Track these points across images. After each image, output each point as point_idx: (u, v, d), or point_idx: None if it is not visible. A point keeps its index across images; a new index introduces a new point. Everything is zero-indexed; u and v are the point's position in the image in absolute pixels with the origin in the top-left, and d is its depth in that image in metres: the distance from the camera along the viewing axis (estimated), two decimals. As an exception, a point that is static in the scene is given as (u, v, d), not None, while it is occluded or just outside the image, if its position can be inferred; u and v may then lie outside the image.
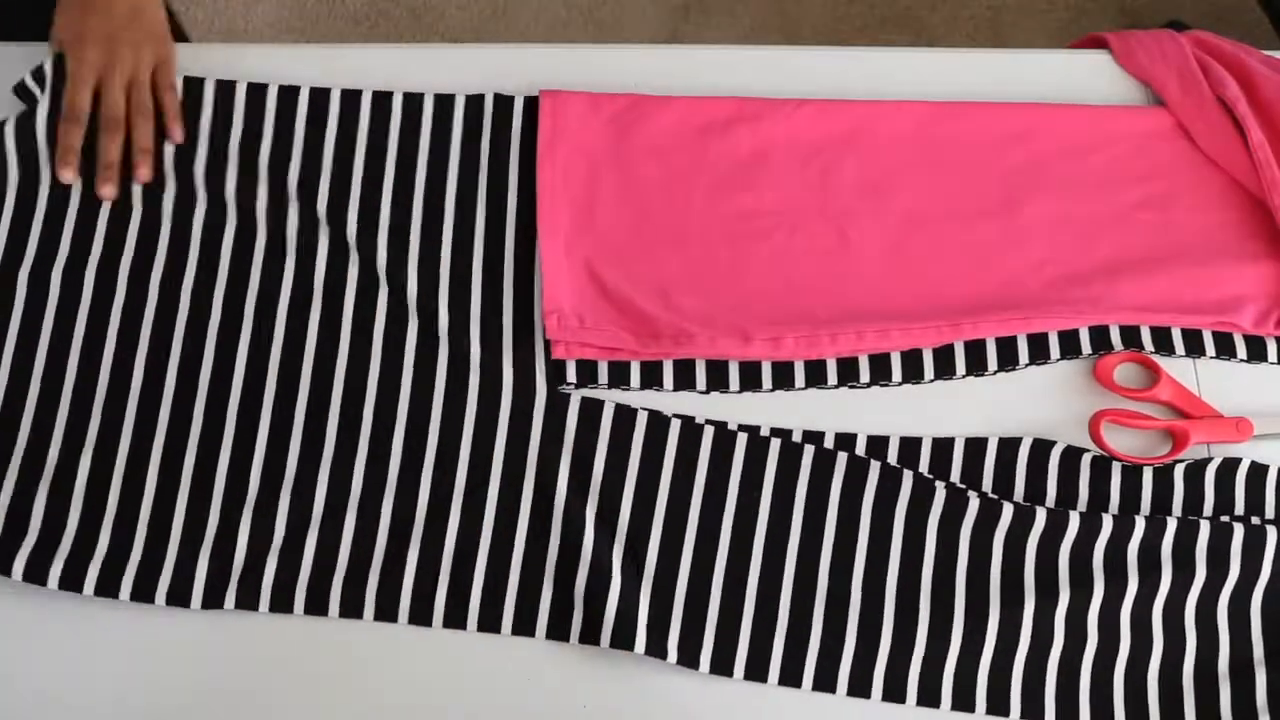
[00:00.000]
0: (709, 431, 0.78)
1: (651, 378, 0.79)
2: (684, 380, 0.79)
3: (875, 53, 0.94)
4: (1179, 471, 0.79)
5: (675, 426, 0.77)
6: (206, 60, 0.87)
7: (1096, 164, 0.86)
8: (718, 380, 0.79)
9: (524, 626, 0.73)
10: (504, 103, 0.85)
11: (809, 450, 0.77)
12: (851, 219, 0.83)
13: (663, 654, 0.72)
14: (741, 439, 0.77)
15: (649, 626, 0.73)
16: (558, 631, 0.73)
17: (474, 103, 0.85)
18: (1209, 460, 0.79)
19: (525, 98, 0.86)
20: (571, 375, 0.78)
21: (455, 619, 0.73)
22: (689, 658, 0.73)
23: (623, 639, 0.72)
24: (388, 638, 0.73)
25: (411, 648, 0.73)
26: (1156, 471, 0.79)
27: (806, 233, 0.83)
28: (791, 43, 1.65)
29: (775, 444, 0.77)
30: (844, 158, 0.85)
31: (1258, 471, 0.79)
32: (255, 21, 1.66)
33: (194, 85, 0.84)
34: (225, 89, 0.84)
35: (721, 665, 0.73)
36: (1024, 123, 0.87)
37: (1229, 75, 0.88)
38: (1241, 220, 0.85)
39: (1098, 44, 0.94)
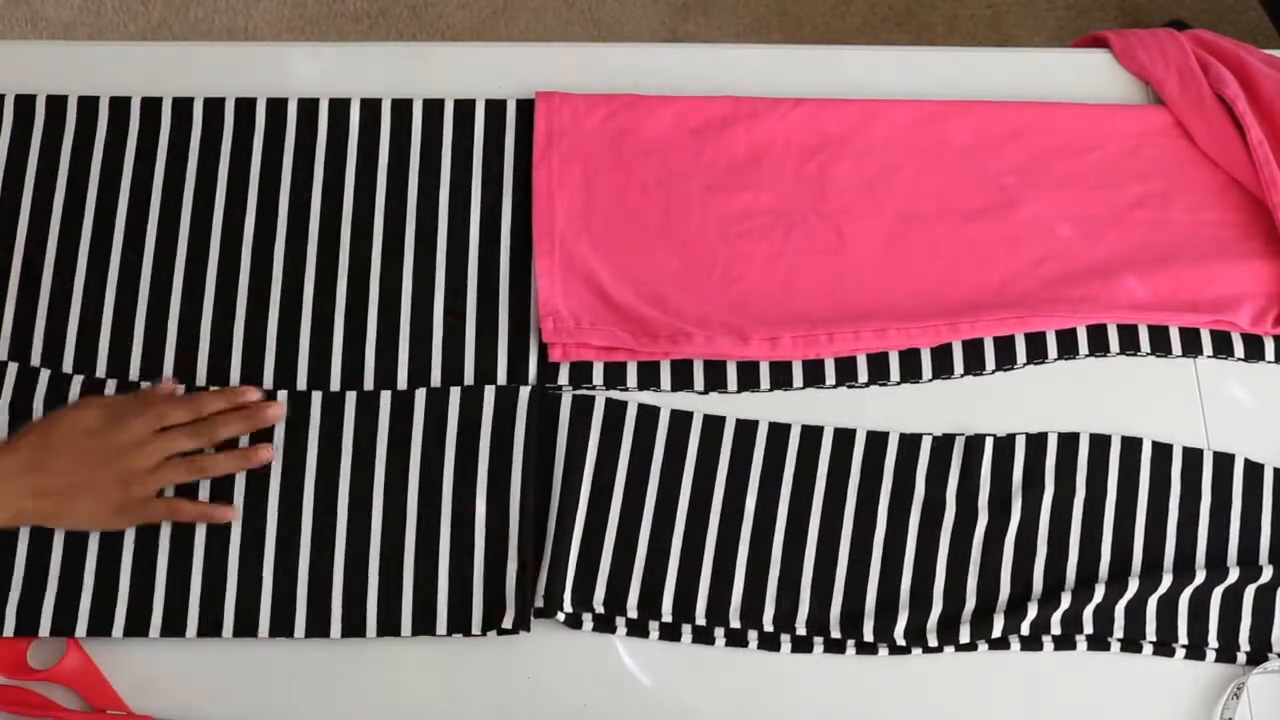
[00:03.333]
0: (698, 418, 0.78)
1: (649, 379, 0.79)
2: (681, 381, 0.79)
3: (875, 51, 0.94)
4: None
5: (665, 415, 0.78)
6: (206, 59, 0.86)
7: (1094, 162, 0.86)
8: (715, 381, 0.79)
9: (522, 623, 0.73)
10: (497, 106, 0.85)
11: (796, 428, 0.78)
12: (849, 218, 0.83)
13: (644, 634, 0.74)
14: (730, 423, 0.78)
15: (635, 612, 0.74)
16: (547, 613, 0.73)
17: (465, 106, 0.85)
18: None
19: (518, 100, 0.85)
20: (567, 378, 0.78)
21: (491, 622, 0.73)
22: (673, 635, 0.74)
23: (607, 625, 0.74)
24: (391, 639, 0.73)
25: (413, 648, 0.73)
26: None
27: (804, 232, 0.82)
28: (792, 41, 1.65)
29: (763, 425, 0.78)
30: (841, 157, 0.85)
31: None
32: (255, 20, 1.66)
33: (184, 105, 0.83)
34: (213, 105, 0.84)
35: (703, 637, 0.75)
36: (1021, 121, 0.87)
37: (1229, 73, 0.88)
38: (1239, 219, 0.85)
39: (1098, 43, 0.94)
